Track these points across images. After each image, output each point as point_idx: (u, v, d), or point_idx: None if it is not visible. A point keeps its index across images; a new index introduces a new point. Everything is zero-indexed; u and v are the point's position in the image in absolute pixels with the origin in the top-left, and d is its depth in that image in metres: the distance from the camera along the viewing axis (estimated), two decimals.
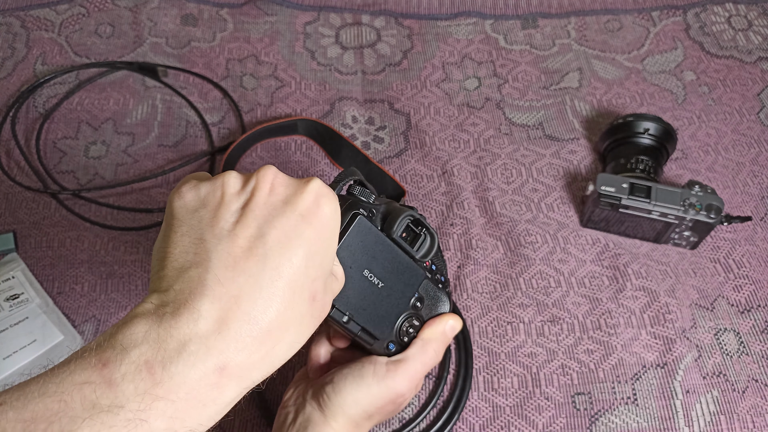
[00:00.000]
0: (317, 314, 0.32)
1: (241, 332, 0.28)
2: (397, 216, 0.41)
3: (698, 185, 0.64)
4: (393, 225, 0.41)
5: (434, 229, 0.44)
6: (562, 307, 0.63)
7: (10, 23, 0.90)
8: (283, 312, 0.29)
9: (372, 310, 0.41)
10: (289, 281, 0.29)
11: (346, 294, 0.39)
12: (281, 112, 0.82)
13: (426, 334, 0.45)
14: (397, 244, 0.42)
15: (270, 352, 0.29)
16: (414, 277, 0.44)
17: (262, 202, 0.31)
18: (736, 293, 0.64)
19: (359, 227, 0.39)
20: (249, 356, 0.28)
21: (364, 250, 0.40)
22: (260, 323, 0.28)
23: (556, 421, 0.56)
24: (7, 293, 0.63)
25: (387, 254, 0.41)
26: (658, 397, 0.57)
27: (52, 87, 0.82)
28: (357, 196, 0.41)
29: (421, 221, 0.43)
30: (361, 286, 0.40)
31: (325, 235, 0.32)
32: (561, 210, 0.71)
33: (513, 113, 0.81)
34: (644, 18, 0.92)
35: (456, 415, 0.56)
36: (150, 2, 0.92)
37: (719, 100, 0.81)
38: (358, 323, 0.41)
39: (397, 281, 0.42)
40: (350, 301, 0.40)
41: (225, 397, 0.28)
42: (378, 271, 0.41)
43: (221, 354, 0.27)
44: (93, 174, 0.75)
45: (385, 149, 0.78)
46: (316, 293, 0.31)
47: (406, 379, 0.43)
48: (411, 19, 0.93)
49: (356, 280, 0.40)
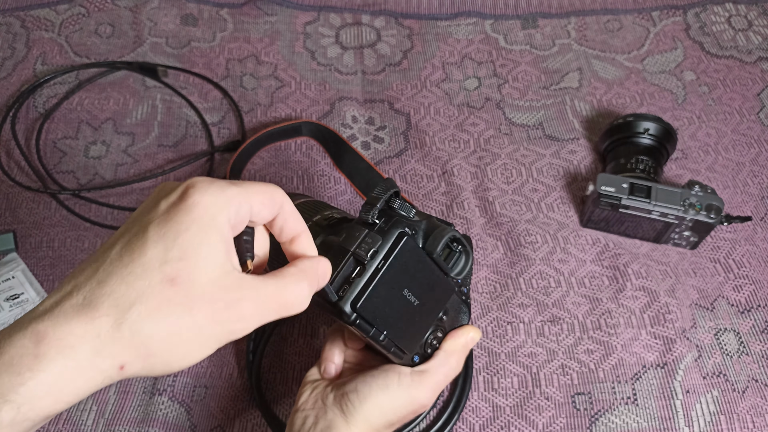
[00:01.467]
0: (183, 296, 0.29)
1: (65, 305, 0.28)
2: (441, 236, 0.41)
3: (698, 185, 0.64)
4: (437, 245, 0.41)
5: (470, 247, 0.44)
6: (562, 307, 0.63)
7: (10, 23, 0.90)
8: (125, 289, 0.28)
9: (406, 327, 0.41)
10: (141, 263, 0.29)
11: (385, 313, 0.39)
12: (281, 113, 0.82)
13: (449, 346, 0.46)
14: (436, 263, 0.42)
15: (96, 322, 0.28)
16: (445, 292, 0.44)
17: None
18: (736, 293, 0.64)
19: (405, 247, 0.39)
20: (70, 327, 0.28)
21: (406, 270, 0.40)
22: (90, 297, 0.28)
23: (556, 421, 0.56)
24: (7, 293, 0.63)
25: (426, 273, 0.41)
26: (658, 397, 0.57)
27: (52, 87, 0.83)
28: (397, 211, 0.40)
29: (459, 239, 0.43)
30: (399, 305, 0.40)
31: (190, 221, 0.30)
32: (561, 210, 0.71)
33: (513, 113, 0.81)
34: (644, 18, 0.92)
35: (456, 415, 0.56)
36: (150, 2, 0.92)
37: (719, 100, 0.81)
38: (393, 341, 0.41)
39: (430, 298, 0.43)
40: (388, 321, 0.40)
41: (46, 368, 0.27)
42: (416, 289, 0.41)
43: (40, 322, 0.28)
44: (93, 174, 0.75)
45: (385, 149, 0.78)
46: (176, 276, 0.29)
47: (429, 389, 0.43)
48: (411, 19, 0.93)
49: (396, 299, 0.40)
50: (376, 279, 0.38)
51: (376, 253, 0.38)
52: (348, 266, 0.38)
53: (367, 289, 0.38)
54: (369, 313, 0.38)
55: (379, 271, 0.38)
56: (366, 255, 0.38)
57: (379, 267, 0.38)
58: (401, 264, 0.39)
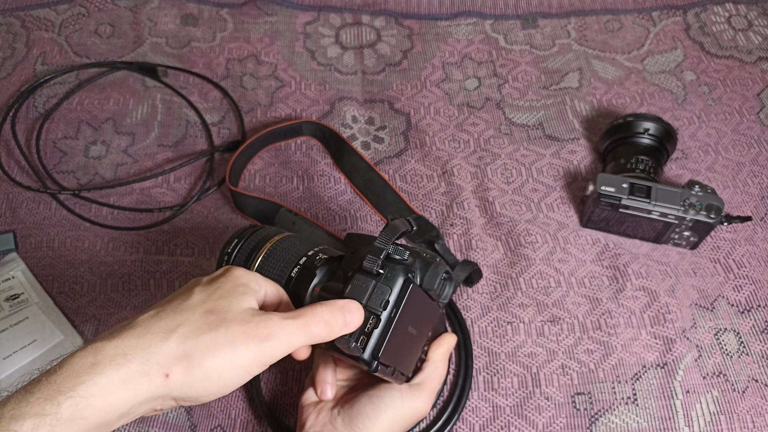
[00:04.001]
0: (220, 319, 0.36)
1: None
2: (436, 274, 0.44)
3: (698, 185, 0.64)
4: (433, 282, 0.44)
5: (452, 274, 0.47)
6: (562, 307, 0.63)
7: (10, 23, 0.90)
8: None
9: (409, 356, 0.45)
10: (187, 305, 0.37)
11: (398, 354, 0.43)
12: (281, 113, 0.82)
13: (434, 355, 0.50)
14: (429, 295, 0.46)
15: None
16: (435, 316, 0.48)
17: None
18: (736, 293, 0.64)
19: (411, 293, 0.42)
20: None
21: (411, 310, 0.43)
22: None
23: (556, 421, 0.56)
24: (7, 293, 0.63)
25: (423, 306, 0.45)
26: (658, 397, 0.57)
27: (52, 87, 0.82)
28: (393, 256, 0.43)
29: (448, 270, 0.46)
30: (404, 340, 0.44)
31: (228, 282, 0.39)
32: (561, 210, 0.71)
33: (513, 113, 0.81)
34: (644, 18, 0.92)
35: (456, 415, 0.56)
36: (150, 2, 0.92)
37: (719, 100, 0.81)
38: (400, 370, 0.44)
39: (426, 326, 0.47)
40: (395, 357, 0.43)
41: (101, 372, 0.32)
42: (416, 323, 0.45)
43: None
44: (93, 174, 0.75)
45: (385, 149, 0.78)
46: (214, 308, 0.37)
47: (427, 397, 0.48)
48: (411, 19, 0.93)
49: (402, 336, 0.43)
50: (391, 328, 0.41)
51: (388, 303, 0.41)
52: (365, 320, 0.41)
53: (384, 339, 0.41)
54: (387, 358, 0.42)
55: (393, 320, 0.41)
56: (379, 307, 0.41)
57: (392, 316, 0.41)
58: (410, 308, 0.43)
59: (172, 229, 0.70)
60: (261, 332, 0.36)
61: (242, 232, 0.51)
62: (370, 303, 0.41)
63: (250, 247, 0.49)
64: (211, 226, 0.70)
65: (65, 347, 0.60)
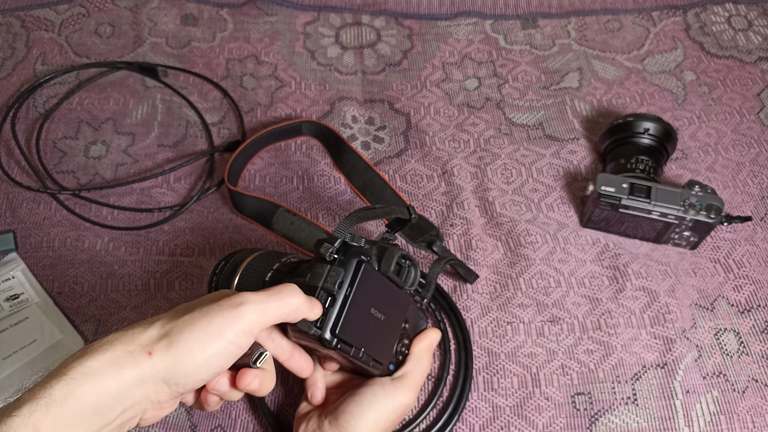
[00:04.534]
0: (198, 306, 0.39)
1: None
2: (391, 256, 0.47)
3: (698, 185, 0.64)
4: (389, 264, 0.46)
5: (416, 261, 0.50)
6: (562, 307, 0.63)
7: (10, 23, 0.90)
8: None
9: (379, 341, 0.47)
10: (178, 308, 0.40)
11: (359, 333, 0.44)
12: (281, 113, 0.82)
13: (417, 350, 0.51)
14: (391, 280, 0.48)
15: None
16: (404, 303, 0.50)
17: None
18: (736, 293, 0.64)
19: (365, 272, 0.44)
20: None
21: (369, 291, 0.45)
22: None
23: (556, 421, 0.56)
24: (7, 293, 0.63)
25: (385, 290, 0.47)
26: (658, 397, 0.57)
27: (52, 87, 0.83)
28: (350, 243, 0.46)
29: (407, 255, 0.49)
30: (370, 323, 0.46)
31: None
32: (561, 210, 0.71)
33: (513, 113, 0.81)
34: (644, 18, 0.92)
35: (456, 415, 0.56)
36: (150, 2, 0.92)
37: (719, 100, 0.81)
38: (370, 355, 0.46)
39: (393, 311, 0.48)
40: (363, 339, 0.45)
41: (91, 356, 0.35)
42: (380, 306, 0.47)
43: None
44: (93, 174, 0.75)
45: (385, 149, 0.78)
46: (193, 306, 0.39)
47: (411, 391, 0.48)
48: (411, 19, 0.93)
49: (366, 318, 0.45)
50: (347, 305, 0.43)
51: (342, 283, 0.43)
52: (320, 300, 0.43)
53: (341, 316, 0.43)
54: (347, 335, 0.43)
55: (348, 298, 0.43)
56: (334, 287, 0.43)
57: (347, 294, 0.44)
58: (364, 287, 0.44)
59: (172, 229, 0.70)
60: (234, 301, 0.38)
61: (226, 256, 0.55)
62: (326, 284, 0.43)
63: (232, 267, 0.53)
64: (211, 226, 0.70)
65: (65, 347, 0.60)
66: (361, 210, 0.49)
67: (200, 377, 0.37)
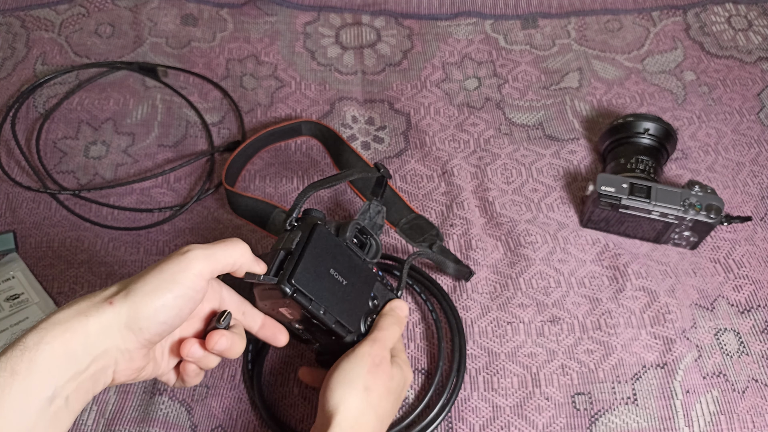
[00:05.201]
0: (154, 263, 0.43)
1: None
2: (347, 225, 0.50)
3: (698, 185, 0.64)
4: (345, 232, 0.50)
5: (378, 238, 0.53)
6: (562, 307, 0.63)
7: (10, 23, 0.90)
8: None
9: (341, 304, 0.48)
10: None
11: (319, 290, 0.46)
12: (281, 113, 0.82)
13: (383, 311, 0.52)
14: (351, 249, 0.50)
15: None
16: (369, 277, 0.51)
17: None
18: (736, 293, 0.64)
19: (319, 234, 0.47)
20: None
21: (326, 253, 0.48)
22: None
23: (556, 421, 0.56)
24: (7, 293, 0.63)
25: (345, 256, 0.49)
26: (658, 397, 0.57)
27: (52, 87, 0.83)
28: (311, 215, 0.49)
29: (366, 230, 0.52)
30: (330, 283, 0.47)
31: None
32: (561, 210, 0.71)
33: (513, 113, 0.81)
34: (644, 18, 0.92)
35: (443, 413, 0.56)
36: (150, 2, 0.92)
37: (719, 100, 0.81)
38: (333, 315, 0.47)
39: (356, 279, 0.50)
40: (323, 296, 0.46)
41: (61, 311, 0.39)
42: (341, 269, 0.48)
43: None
44: (93, 174, 0.75)
45: (385, 149, 0.78)
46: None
47: (376, 343, 0.48)
48: (411, 19, 0.93)
49: (325, 278, 0.47)
50: (303, 258, 0.46)
51: (299, 242, 0.47)
52: (279, 257, 0.46)
53: (297, 267, 0.45)
54: (305, 286, 0.45)
55: (304, 252, 0.46)
56: (291, 245, 0.46)
57: (303, 249, 0.46)
58: (321, 246, 0.47)
59: (172, 229, 0.70)
60: (181, 250, 0.42)
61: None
62: (284, 245, 0.46)
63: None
64: (212, 227, 0.70)
65: None
66: (316, 181, 0.52)
67: (160, 319, 0.40)
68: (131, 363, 0.41)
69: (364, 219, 0.60)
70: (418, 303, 0.64)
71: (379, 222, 0.62)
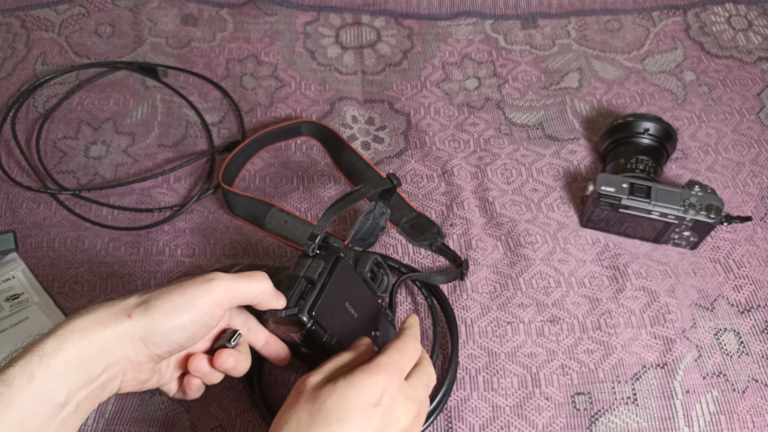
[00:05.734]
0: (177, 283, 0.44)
1: None
2: (366, 259, 0.52)
3: (698, 185, 0.64)
4: (364, 266, 0.51)
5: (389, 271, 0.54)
6: (562, 307, 0.63)
7: (10, 23, 0.90)
8: None
9: (350, 336, 0.48)
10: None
11: (333, 322, 0.47)
12: (281, 113, 0.82)
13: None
14: (365, 283, 0.51)
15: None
16: (375, 310, 0.53)
17: None
18: (736, 293, 0.64)
19: (342, 267, 0.48)
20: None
21: (345, 286, 0.49)
22: None
23: (556, 421, 0.56)
24: (7, 293, 0.63)
25: (360, 290, 0.51)
26: (658, 397, 0.57)
27: (52, 87, 0.83)
28: (331, 244, 0.50)
29: (380, 263, 0.53)
30: (343, 315, 0.48)
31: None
32: (561, 210, 0.71)
33: (513, 113, 0.81)
34: (644, 18, 0.92)
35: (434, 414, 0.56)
36: (150, 2, 0.92)
37: (719, 100, 0.81)
38: (343, 346, 0.47)
39: (366, 313, 0.51)
40: (336, 328, 0.47)
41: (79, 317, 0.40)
42: (354, 302, 0.49)
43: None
44: (93, 174, 0.75)
45: (385, 149, 0.78)
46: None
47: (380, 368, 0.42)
48: (411, 19, 0.93)
49: (340, 310, 0.48)
50: (323, 293, 0.46)
51: (321, 273, 0.47)
52: (300, 286, 0.46)
53: (318, 299, 0.46)
54: (322, 319, 0.46)
55: (325, 286, 0.47)
56: (314, 275, 0.47)
57: (325, 282, 0.47)
58: (340, 280, 0.48)
59: (173, 229, 0.70)
60: (206, 277, 0.42)
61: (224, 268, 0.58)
62: (307, 273, 0.47)
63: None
64: (212, 227, 0.70)
65: None
66: (337, 201, 0.52)
67: (174, 339, 0.41)
68: (139, 374, 0.42)
69: (368, 219, 0.60)
70: (417, 303, 0.64)
71: (382, 224, 0.62)
